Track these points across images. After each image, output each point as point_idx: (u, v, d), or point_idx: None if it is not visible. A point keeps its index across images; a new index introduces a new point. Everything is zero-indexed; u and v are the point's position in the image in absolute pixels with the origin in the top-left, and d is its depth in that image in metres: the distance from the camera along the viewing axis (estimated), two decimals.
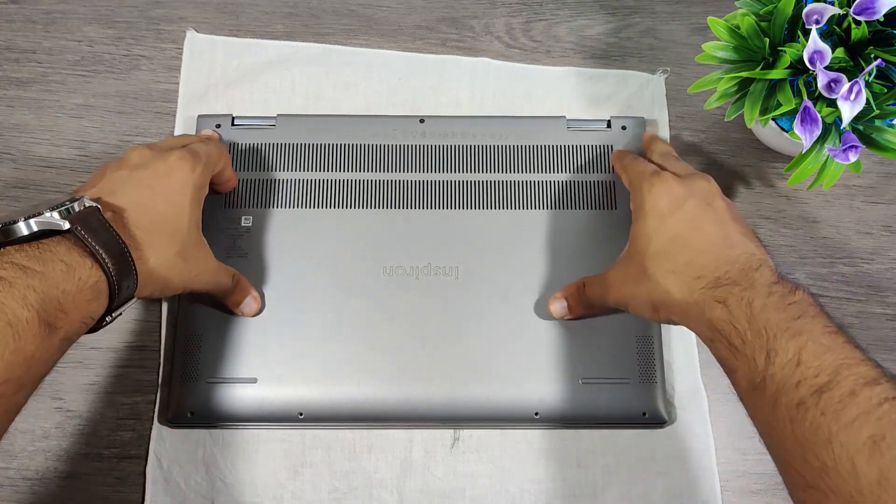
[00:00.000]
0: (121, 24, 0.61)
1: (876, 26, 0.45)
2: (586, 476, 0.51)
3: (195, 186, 0.45)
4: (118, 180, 0.43)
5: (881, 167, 0.59)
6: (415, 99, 0.59)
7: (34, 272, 0.35)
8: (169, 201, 0.43)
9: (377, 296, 0.52)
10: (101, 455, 0.51)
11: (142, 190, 0.43)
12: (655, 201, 0.44)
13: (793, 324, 0.36)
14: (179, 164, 0.45)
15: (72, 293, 0.36)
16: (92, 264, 0.37)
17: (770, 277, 0.39)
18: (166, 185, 0.44)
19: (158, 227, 0.42)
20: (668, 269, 0.42)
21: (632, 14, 0.63)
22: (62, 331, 0.36)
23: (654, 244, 0.43)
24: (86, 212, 0.38)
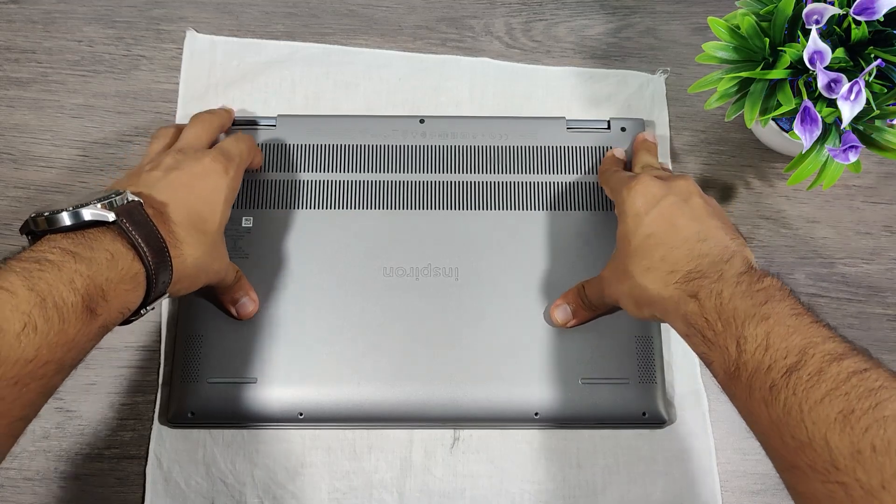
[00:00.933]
0: (121, 24, 0.61)
1: (876, 26, 0.45)
2: (586, 476, 0.51)
3: (229, 188, 0.46)
4: (154, 179, 0.44)
5: (881, 167, 0.59)
6: (415, 99, 0.59)
7: (82, 258, 0.36)
8: (205, 200, 0.44)
9: (377, 296, 0.52)
10: (101, 455, 0.51)
11: (180, 189, 0.44)
12: (633, 201, 0.45)
13: (760, 309, 0.37)
14: (214, 167, 0.46)
15: (114, 281, 0.37)
16: (134, 256, 0.38)
17: (739, 267, 0.40)
18: (203, 185, 0.45)
19: (194, 225, 0.43)
20: (644, 265, 0.43)
21: (632, 14, 0.63)
22: (101, 318, 0.37)
23: (632, 243, 0.44)
24: (130, 206, 0.39)
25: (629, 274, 0.43)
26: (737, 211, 0.57)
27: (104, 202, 0.38)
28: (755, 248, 0.56)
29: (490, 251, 0.53)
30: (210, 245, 0.44)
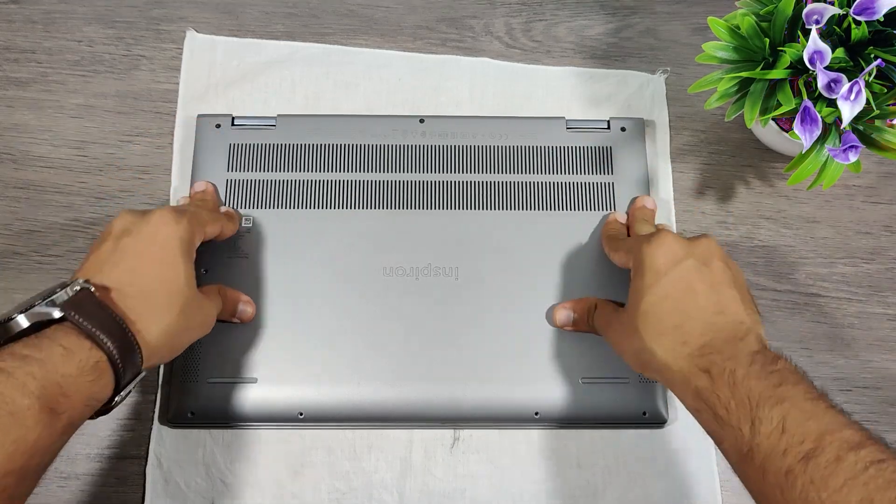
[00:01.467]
0: (121, 24, 0.61)
1: (876, 26, 0.45)
2: (586, 476, 0.51)
3: (182, 239, 0.44)
4: (105, 253, 0.42)
5: (881, 167, 0.59)
6: (415, 99, 0.59)
7: (33, 359, 0.35)
8: (160, 261, 0.42)
9: (377, 296, 0.52)
10: (101, 455, 0.51)
11: (130, 259, 0.42)
12: (653, 258, 0.43)
13: (775, 391, 0.36)
14: (162, 221, 0.43)
15: (73, 376, 0.36)
16: (91, 346, 0.37)
17: (754, 346, 0.39)
18: (153, 246, 0.42)
19: (154, 293, 0.41)
20: (656, 329, 0.41)
21: (632, 14, 0.63)
22: (65, 416, 0.36)
23: (645, 301, 0.42)
24: (78, 296, 0.38)
25: (639, 335, 0.42)
26: (737, 211, 0.57)
27: (51, 298, 0.38)
28: (755, 248, 0.56)
29: (490, 251, 0.53)
30: (180, 306, 0.42)
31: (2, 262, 0.55)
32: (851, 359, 0.54)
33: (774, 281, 0.56)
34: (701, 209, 0.57)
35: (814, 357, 0.54)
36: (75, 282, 0.39)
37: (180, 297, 0.42)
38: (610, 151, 0.56)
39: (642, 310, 0.42)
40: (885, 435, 0.52)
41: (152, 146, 0.58)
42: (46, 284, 0.53)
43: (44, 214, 0.56)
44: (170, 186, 0.56)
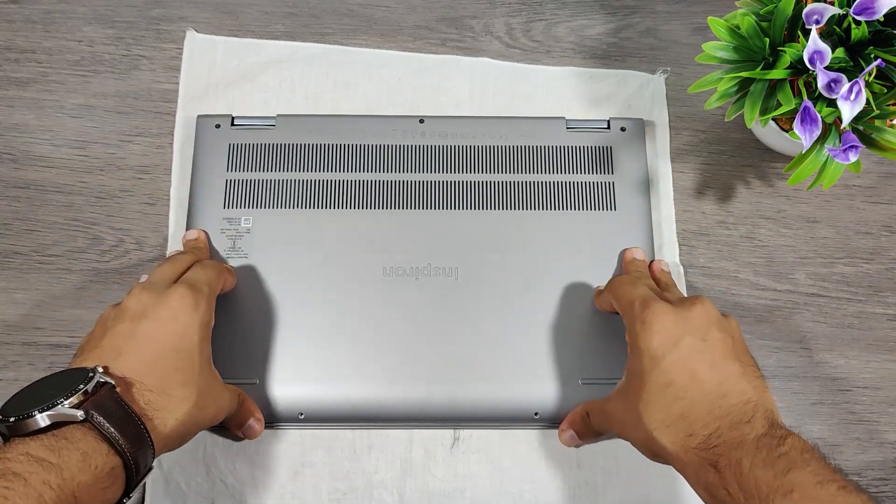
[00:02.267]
0: (121, 24, 0.61)
1: (876, 26, 0.45)
2: (586, 476, 0.51)
3: (202, 324, 0.43)
4: (121, 337, 0.41)
5: (881, 167, 0.59)
6: (415, 99, 0.59)
7: (50, 465, 0.34)
8: (178, 349, 0.41)
9: (377, 296, 0.52)
10: None
11: (148, 345, 0.40)
12: (648, 340, 0.41)
13: (783, 481, 0.35)
14: (182, 306, 0.42)
15: (88, 484, 0.34)
16: (108, 450, 0.36)
17: (760, 429, 0.38)
18: (172, 332, 0.41)
19: (170, 384, 0.40)
20: (661, 420, 0.40)
21: (632, 14, 0.63)
22: None
23: (647, 390, 0.41)
24: (100, 395, 0.37)
25: (643, 424, 0.40)
26: (737, 211, 0.57)
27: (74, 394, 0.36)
28: (755, 248, 0.56)
29: (490, 251, 0.53)
30: (196, 395, 0.41)
31: (2, 262, 0.55)
32: (851, 359, 0.54)
33: (774, 281, 0.56)
34: (701, 209, 0.57)
35: (814, 357, 0.54)
36: (96, 374, 0.37)
37: (195, 385, 0.41)
38: (610, 151, 0.56)
39: (644, 399, 0.41)
40: (885, 435, 0.53)
41: (152, 146, 0.58)
42: (46, 284, 0.54)
43: (44, 214, 0.56)
44: (170, 186, 0.56)
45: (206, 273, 0.46)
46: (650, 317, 0.42)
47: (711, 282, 0.56)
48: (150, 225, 0.56)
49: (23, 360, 0.52)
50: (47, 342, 0.53)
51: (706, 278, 0.56)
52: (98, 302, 0.54)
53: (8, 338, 0.53)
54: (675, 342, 0.41)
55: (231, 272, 0.51)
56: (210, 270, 0.47)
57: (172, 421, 0.40)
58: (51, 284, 0.54)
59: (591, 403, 0.48)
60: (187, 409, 0.40)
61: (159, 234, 0.55)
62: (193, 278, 0.45)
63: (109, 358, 0.40)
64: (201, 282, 0.45)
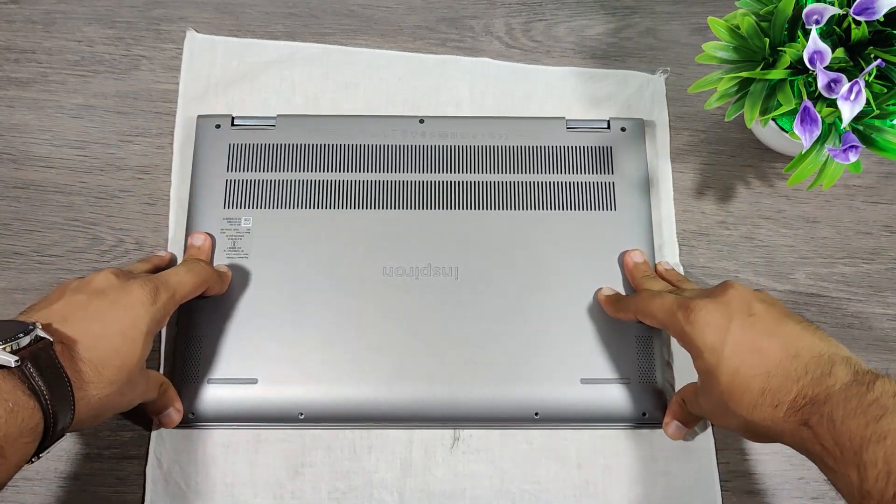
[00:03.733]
0: (121, 24, 0.61)
1: (876, 26, 0.45)
2: (586, 476, 0.51)
3: (152, 320, 0.43)
4: (75, 305, 0.41)
5: (881, 167, 0.59)
6: (415, 99, 0.59)
7: None
8: (123, 334, 0.41)
9: (377, 296, 0.52)
10: (100, 455, 0.51)
11: (96, 321, 0.41)
12: (701, 337, 0.42)
13: (876, 427, 0.34)
14: (139, 295, 0.43)
15: (13, 437, 0.35)
16: (35, 405, 0.36)
17: (845, 377, 0.37)
18: (122, 317, 0.42)
19: (106, 363, 0.40)
20: (747, 403, 0.40)
21: (632, 14, 0.63)
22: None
23: (721, 382, 0.41)
24: (37, 347, 0.37)
25: (735, 414, 0.40)
26: (737, 211, 0.57)
27: (10, 342, 0.36)
28: (755, 248, 0.56)
29: (490, 251, 0.53)
30: (124, 381, 0.41)
31: (2, 262, 0.55)
32: None
33: (774, 281, 0.56)
34: (701, 209, 0.57)
35: None
36: (35, 328, 0.37)
37: (126, 373, 0.41)
38: (610, 151, 0.56)
39: (724, 390, 0.41)
40: None
41: (152, 146, 0.58)
42: (46, 284, 0.54)
43: (44, 214, 0.56)
44: (170, 186, 0.56)
45: (182, 276, 0.46)
46: (694, 316, 0.42)
47: (712, 282, 0.56)
48: (150, 225, 0.56)
49: None
50: None
51: (706, 278, 0.56)
52: None
53: None
54: (727, 328, 0.41)
55: (222, 278, 0.50)
56: (189, 275, 0.47)
57: (95, 398, 0.39)
58: (51, 284, 0.54)
59: (685, 391, 0.48)
60: (111, 392, 0.40)
61: (159, 235, 0.55)
62: (165, 277, 0.45)
63: (56, 319, 0.40)
64: (171, 283, 0.45)
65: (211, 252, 0.53)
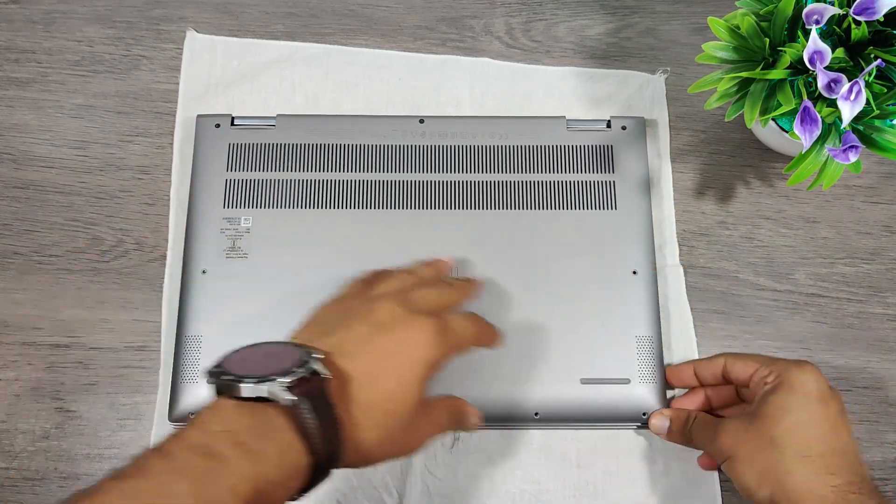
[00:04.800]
0: (121, 24, 0.61)
1: (876, 26, 0.45)
2: (586, 476, 0.51)
3: (429, 365, 0.38)
4: (358, 340, 0.38)
5: (881, 167, 0.59)
6: (415, 99, 0.59)
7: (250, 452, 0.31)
8: (399, 377, 0.38)
9: None
10: (101, 455, 0.51)
11: (374, 359, 0.38)
12: (805, 382, 0.43)
13: None
14: (424, 337, 0.38)
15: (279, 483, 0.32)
16: (303, 449, 0.33)
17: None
18: (403, 358, 0.38)
19: (375, 406, 0.37)
20: (799, 450, 0.41)
21: (632, 14, 0.63)
22: None
23: (792, 419, 0.42)
24: (314, 384, 0.34)
25: (775, 445, 0.42)
26: (737, 211, 0.57)
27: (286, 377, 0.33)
28: (755, 248, 0.56)
29: (490, 251, 0.53)
30: (394, 428, 0.37)
31: (2, 262, 0.55)
32: (851, 359, 0.54)
33: (774, 281, 0.56)
34: (701, 209, 0.57)
35: (814, 357, 0.54)
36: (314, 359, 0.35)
37: (396, 420, 0.38)
38: (611, 150, 0.56)
39: (787, 425, 0.42)
40: (885, 435, 0.53)
41: (152, 146, 0.58)
42: (46, 284, 0.54)
43: (44, 214, 0.56)
44: (170, 186, 0.56)
45: (466, 326, 0.42)
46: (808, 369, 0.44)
47: (711, 282, 0.56)
48: (150, 225, 0.56)
49: (22, 360, 0.52)
50: (47, 342, 0.53)
51: (706, 278, 0.56)
52: (98, 302, 0.54)
53: (8, 338, 0.53)
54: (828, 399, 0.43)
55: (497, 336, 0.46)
56: (473, 328, 0.43)
57: (364, 442, 0.36)
58: (51, 284, 0.54)
59: (701, 416, 0.48)
60: (381, 438, 0.37)
61: (159, 234, 0.55)
62: (452, 323, 0.41)
63: (336, 352, 0.37)
64: (457, 329, 0.41)
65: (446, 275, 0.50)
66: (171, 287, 0.54)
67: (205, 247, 0.53)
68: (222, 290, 0.52)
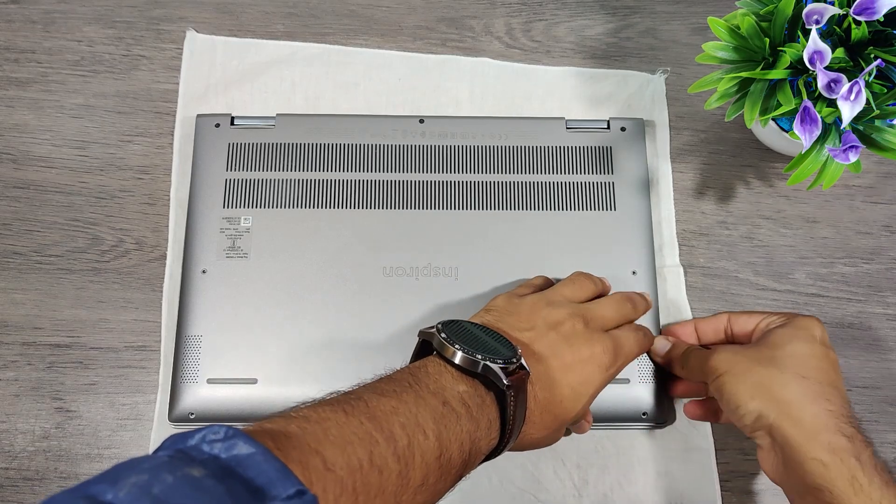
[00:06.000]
0: (121, 24, 0.61)
1: (876, 26, 0.45)
2: (586, 476, 0.51)
3: (602, 384, 0.43)
4: (546, 343, 0.42)
5: (881, 167, 0.59)
6: (415, 99, 0.59)
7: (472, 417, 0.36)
8: (572, 388, 0.41)
9: (377, 296, 0.52)
10: (101, 455, 0.51)
11: (559, 368, 0.41)
12: (811, 327, 0.44)
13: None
14: (600, 359, 0.42)
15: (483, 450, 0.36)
16: (498, 427, 0.37)
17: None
18: (580, 373, 0.42)
19: (548, 409, 0.41)
20: (799, 371, 0.42)
21: (632, 14, 0.63)
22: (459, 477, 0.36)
23: (795, 347, 0.43)
24: (521, 377, 0.38)
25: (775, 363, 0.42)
26: (737, 211, 0.57)
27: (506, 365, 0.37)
28: (755, 248, 0.56)
29: (490, 251, 0.53)
30: (555, 429, 0.42)
31: (2, 262, 0.55)
32: (851, 359, 0.54)
33: (774, 281, 0.56)
34: (701, 209, 0.57)
35: None
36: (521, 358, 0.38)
37: (559, 424, 0.42)
38: (610, 151, 0.56)
39: (789, 351, 0.43)
40: (885, 435, 0.53)
41: (152, 146, 0.58)
42: (46, 284, 0.54)
43: (44, 214, 0.56)
44: (170, 186, 0.56)
45: (634, 343, 0.46)
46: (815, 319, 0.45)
47: (711, 282, 0.56)
48: (150, 225, 0.56)
49: (22, 360, 0.52)
50: (47, 342, 0.53)
51: (706, 278, 0.56)
52: (98, 302, 0.54)
53: (8, 338, 0.53)
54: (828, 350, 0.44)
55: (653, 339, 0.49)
56: (640, 344, 0.47)
57: (529, 437, 0.40)
58: (51, 284, 0.54)
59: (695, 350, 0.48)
60: (543, 436, 0.41)
61: (159, 234, 0.55)
62: (625, 342, 0.45)
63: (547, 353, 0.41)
64: (626, 349, 0.45)
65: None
66: (171, 287, 0.54)
67: (205, 246, 0.53)
68: (222, 289, 0.52)
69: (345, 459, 0.30)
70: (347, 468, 0.30)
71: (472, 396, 0.36)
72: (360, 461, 0.31)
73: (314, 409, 0.33)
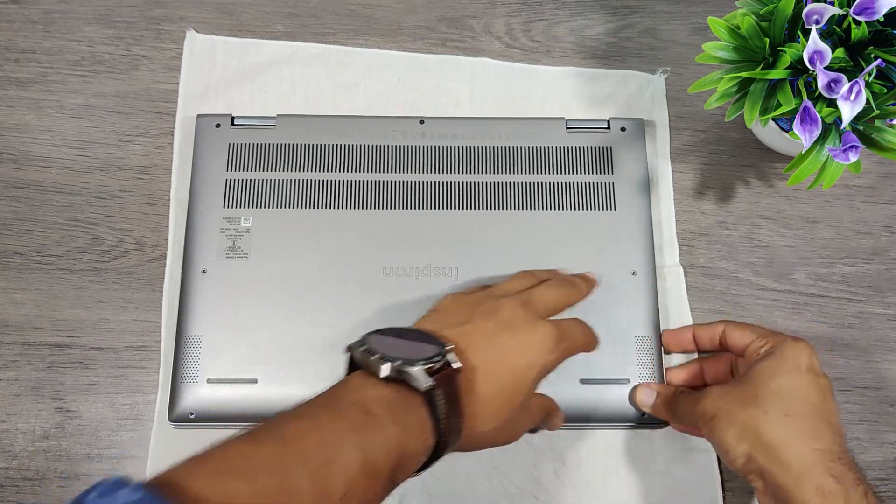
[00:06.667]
0: (121, 24, 0.61)
1: (876, 26, 0.45)
2: (586, 476, 0.51)
3: (544, 368, 0.42)
4: (483, 334, 0.41)
5: (881, 167, 0.59)
6: (415, 99, 0.59)
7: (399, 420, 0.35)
8: (514, 374, 0.41)
9: (377, 296, 0.52)
10: (100, 455, 0.51)
11: (498, 355, 0.41)
12: (798, 355, 0.44)
13: None
14: (542, 342, 0.42)
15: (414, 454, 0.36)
16: (432, 429, 0.37)
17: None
18: (522, 358, 0.41)
19: (491, 400, 0.40)
20: (783, 409, 0.41)
21: (632, 14, 0.63)
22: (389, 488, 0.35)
23: (780, 382, 0.42)
24: (448, 374, 0.37)
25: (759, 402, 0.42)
26: (737, 211, 0.57)
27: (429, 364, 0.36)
28: (755, 248, 0.56)
29: (489, 251, 0.53)
30: (503, 420, 0.41)
31: (2, 262, 0.55)
32: (851, 359, 0.54)
33: (774, 281, 0.56)
34: (701, 209, 0.57)
35: None
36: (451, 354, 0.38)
37: (505, 414, 0.41)
38: (610, 151, 0.56)
39: (774, 387, 0.42)
40: (885, 435, 0.53)
41: (152, 146, 0.58)
42: (46, 284, 0.54)
43: (44, 214, 0.56)
44: (170, 186, 0.56)
45: (578, 333, 0.45)
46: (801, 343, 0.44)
47: (711, 282, 0.56)
48: (150, 225, 0.56)
49: (22, 360, 0.52)
50: (47, 342, 0.53)
51: (706, 278, 0.56)
52: (98, 302, 0.54)
53: (8, 338, 0.53)
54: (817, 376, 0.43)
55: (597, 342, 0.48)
56: (583, 335, 0.46)
57: (476, 432, 0.40)
58: (51, 284, 0.54)
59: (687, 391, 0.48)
60: (491, 429, 0.40)
61: (159, 234, 0.55)
62: (568, 329, 0.44)
63: (469, 346, 0.40)
64: (570, 335, 0.44)
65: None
66: (171, 287, 0.54)
67: (205, 246, 0.53)
68: (222, 289, 0.52)
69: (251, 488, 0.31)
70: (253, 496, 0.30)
71: (396, 400, 0.36)
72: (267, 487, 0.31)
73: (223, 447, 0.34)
